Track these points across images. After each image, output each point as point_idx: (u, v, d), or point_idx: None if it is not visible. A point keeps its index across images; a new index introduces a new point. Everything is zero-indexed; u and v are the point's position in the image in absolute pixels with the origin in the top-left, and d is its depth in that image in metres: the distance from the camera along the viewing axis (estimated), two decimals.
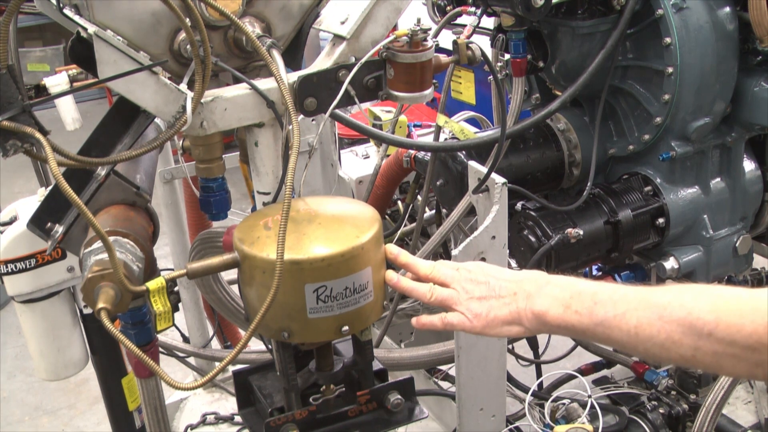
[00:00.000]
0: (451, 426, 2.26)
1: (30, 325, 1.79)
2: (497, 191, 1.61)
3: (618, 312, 1.06)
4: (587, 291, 1.12)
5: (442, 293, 1.22)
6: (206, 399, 2.77)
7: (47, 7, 1.56)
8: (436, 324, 1.24)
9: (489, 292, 1.19)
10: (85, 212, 1.08)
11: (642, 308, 1.04)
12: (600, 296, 1.10)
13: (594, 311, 1.08)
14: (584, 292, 1.11)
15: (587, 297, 1.10)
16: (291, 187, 1.16)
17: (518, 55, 1.87)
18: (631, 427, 2.03)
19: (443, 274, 1.24)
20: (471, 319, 1.19)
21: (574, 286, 1.14)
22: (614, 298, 1.08)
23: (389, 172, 2.40)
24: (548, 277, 1.19)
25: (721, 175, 2.04)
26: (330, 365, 1.35)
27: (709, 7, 1.83)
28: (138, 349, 1.11)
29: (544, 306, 1.13)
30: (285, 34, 1.41)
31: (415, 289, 1.26)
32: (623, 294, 1.08)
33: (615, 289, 1.10)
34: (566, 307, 1.11)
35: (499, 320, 1.18)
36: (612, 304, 1.07)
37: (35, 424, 3.69)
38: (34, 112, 1.14)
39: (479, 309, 1.19)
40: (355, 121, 1.64)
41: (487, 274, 1.22)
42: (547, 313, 1.13)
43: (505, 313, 1.17)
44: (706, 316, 0.98)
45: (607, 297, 1.09)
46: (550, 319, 1.13)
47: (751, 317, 0.94)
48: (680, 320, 1.00)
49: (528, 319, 1.16)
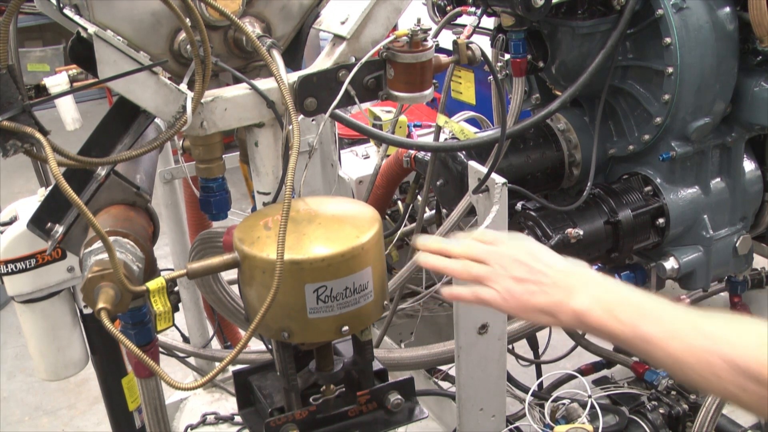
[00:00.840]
0: (451, 426, 2.26)
1: (30, 325, 1.79)
2: (497, 191, 1.61)
3: (663, 331, 1.01)
4: (633, 300, 1.07)
5: (479, 270, 1.17)
6: (206, 399, 2.77)
7: (47, 7, 1.56)
8: (467, 296, 1.20)
9: (529, 274, 1.14)
10: (85, 212, 1.08)
11: (688, 334, 0.99)
12: (646, 309, 1.05)
13: (638, 324, 1.04)
14: (630, 301, 1.07)
15: (633, 307, 1.06)
16: (291, 187, 1.16)
17: (518, 55, 1.87)
18: (631, 427, 2.03)
19: (478, 251, 1.19)
20: (505, 298, 1.14)
21: (620, 292, 1.09)
22: (661, 316, 1.03)
23: (389, 172, 2.40)
24: (594, 274, 1.14)
25: (721, 175, 2.04)
26: (330, 365, 1.35)
27: (709, 7, 1.83)
28: (138, 349, 1.11)
29: (586, 305, 1.08)
30: (285, 34, 1.41)
31: (447, 267, 1.21)
32: (670, 313, 1.04)
33: (662, 305, 1.05)
34: (609, 312, 1.06)
35: (534, 306, 1.13)
36: (658, 322, 1.03)
37: (35, 424, 3.68)
38: (34, 112, 1.14)
39: (516, 289, 1.14)
40: (355, 121, 1.64)
41: (530, 253, 1.17)
42: (587, 313, 1.08)
43: (542, 301, 1.12)
44: (754, 360, 0.93)
45: (654, 312, 1.04)
46: (589, 320, 1.08)
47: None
48: (726, 357, 0.95)
49: (565, 313, 1.10)
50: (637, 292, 1.09)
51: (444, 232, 1.94)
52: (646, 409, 2.08)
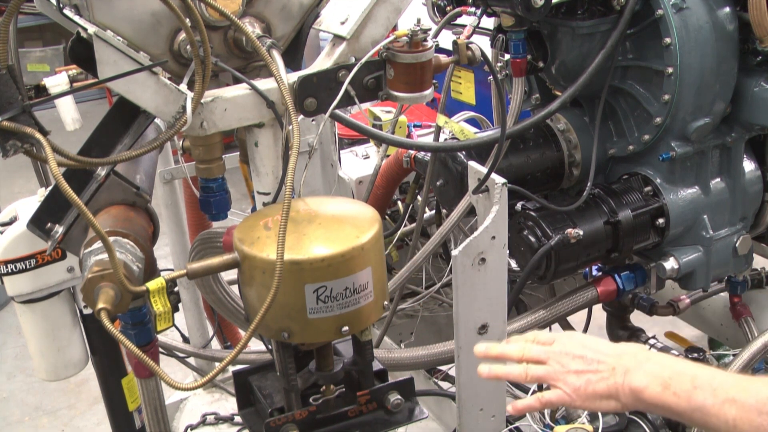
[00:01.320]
0: (451, 426, 2.26)
1: (30, 325, 1.79)
2: (497, 191, 1.61)
3: (717, 401, 1.06)
4: (687, 372, 1.11)
5: (538, 371, 1.24)
6: (206, 399, 2.77)
7: (47, 8, 1.56)
8: (534, 405, 1.25)
9: (586, 365, 1.20)
10: (85, 212, 1.08)
11: (741, 401, 1.04)
12: (699, 380, 1.09)
13: (693, 396, 1.08)
14: (684, 374, 1.11)
15: (686, 379, 1.10)
16: (291, 187, 1.16)
17: (518, 55, 1.87)
18: (631, 428, 2.03)
19: (536, 353, 1.25)
20: (570, 394, 1.20)
21: (673, 366, 1.14)
22: (713, 385, 1.08)
23: (389, 172, 2.40)
24: (647, 353, 1.19)
25: (721, 175, 2.04)
26: (330, 365, 1.35)
27: (709, 8, 1.83)
28: (138, 350, 1.11)
29: (643, 383, 1.13)
30: (285, 35, 1.41)
31: (509, 373, 1.27)
32: (722, 381, 1.08)
33: (714, 375, 1.10)
34: (665, 387, 1.11)
35: (596, 394, 1.18)
36: (711, 392, 1.07)
37: (35, 424, 3.68)
38: (34, 112, 1.14)
39: (577, 383, 1.19)
40: (355, 122, 1.64)
41: (584, 346, 1.23)
42: (644, 390, 1.13)
43: (602, 388, 1.17)
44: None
45: (707, 383, 1.09)
46: (647, 397, 1.13)
47: None
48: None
49: (625, 394, 1.16)
50: (690, 365, 1.14)
51: (444, 233, 1.94)
52: None
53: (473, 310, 1.67)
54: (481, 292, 1.65)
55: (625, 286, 2.07)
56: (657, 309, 2.32)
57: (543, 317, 2.02)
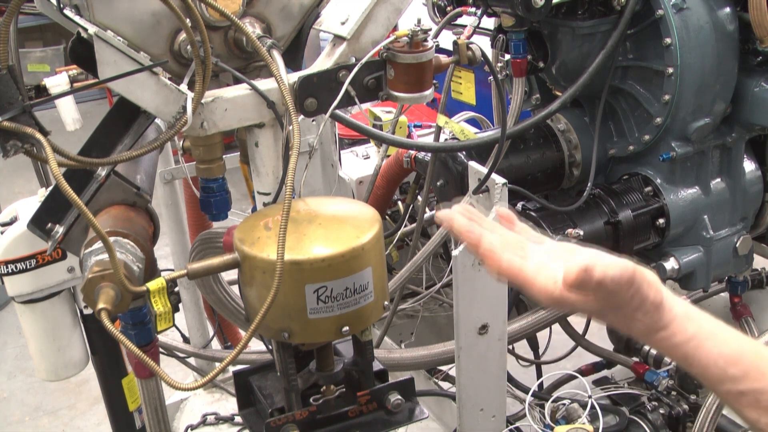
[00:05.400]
0: (452, 426, 2.26)
1: (30, 325, 1.79)
2: (497, 191, 1.61)
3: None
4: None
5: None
6: (206, 399, 2.77)
7: (47, 8, 1.56)
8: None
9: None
10: (85, 213, 1.08)
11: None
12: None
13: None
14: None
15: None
16: (291, 187, 1.16)
17: (518, 55, 1.87)
18: (632, 428, 2.03)
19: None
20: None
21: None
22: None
23: (389, 172, 2.40)
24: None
25: (721, 175, 2.04)
26: (330, 365, 1.35)
27: (710, 8, 1.83)
28: (138, 350, 1.11)
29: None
30: (285, 35, 1.41)
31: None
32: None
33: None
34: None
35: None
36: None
37: (35, 424, 3.68)
38: (35, 112, 1.14)
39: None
40: (355, 122, 1.64)
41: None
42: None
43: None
44: None
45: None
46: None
47: None
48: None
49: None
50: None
51: (444, 233, 1.94)
52: (646, 409, 2.08)
53: (473, 310, 1.67)
54: (482, 293, 1.65)
55: None
56: None
57: (543, 317, 2.02)
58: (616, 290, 1.01)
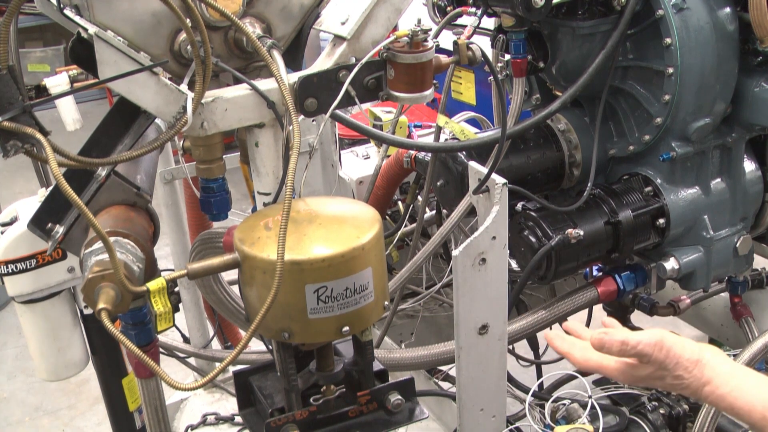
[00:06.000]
0: (452, 426, 2.26)
1: (30, 325, 1.79)
2: (498, 192, 1.61)
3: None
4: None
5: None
6: (207, 399, 2.77)
7: (48, 8, 1.56)
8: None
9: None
10: (85, 213, 1.08)
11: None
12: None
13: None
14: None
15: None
16: (291, 187, 1.16)
17: (518, 55, 1.87)
18: (632, 428, 2.03)
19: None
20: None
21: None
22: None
23: (389, 172, 2.40)
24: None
25: (721, 175, 2.04)
26: (330, 366, 1.35)
27: (710, 8, 1.83)
28: (138, 350, 1.11)
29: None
30: (285, 35, 1.41)
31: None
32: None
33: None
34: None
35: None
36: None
37: (36, 424, 3.69)
38: (35, 112, 1.14)
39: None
40: (355, 122, 1.64)
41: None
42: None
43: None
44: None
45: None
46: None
47: None
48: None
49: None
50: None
51: (444, 233, 1.94)
52: (646, 409, 2.08)
53: (474, 310, 1.67)
54: (482, 293, 1.65)
55: (625, 286, 2.07)
56: (657, 309, 2.32)
57: (543, 317, 2.02)
58: (649, 351, 1.20)
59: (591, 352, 1.30)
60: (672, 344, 1.20)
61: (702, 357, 1.19)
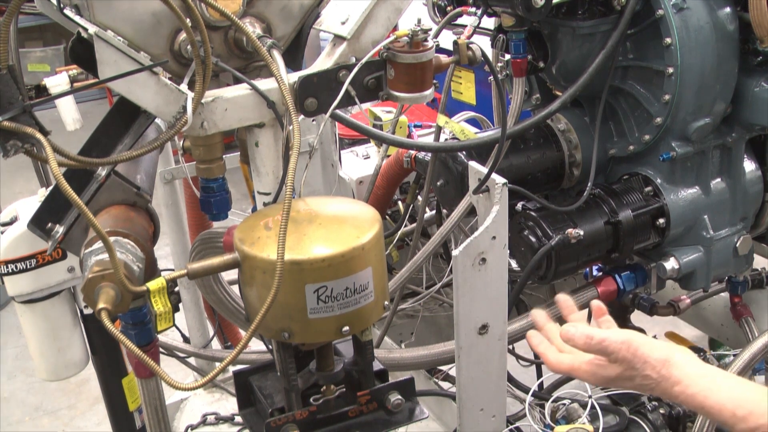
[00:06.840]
0: (452, 426, 2.26)
1: (30, 325, 1.79)
2: (498, 191, 1.61)
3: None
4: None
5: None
6: (207, 399, 2.77)
7: (48, 8, 1.56)
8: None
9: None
10: (85, 212, 1.08)
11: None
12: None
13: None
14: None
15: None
16: (291, 187, 1.16)
17: (518, 55, 1.87)
18: (632, 428, 2.03)
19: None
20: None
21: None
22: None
23: (389, 172, 2.40)
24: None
25: (721, 175, 2.04)
26: (330, 365, 1.35)
27: (710, 8, 1.83)
28: (138, 350, 1.11)
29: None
30: (285, 35, 1.41)
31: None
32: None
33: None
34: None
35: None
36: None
37: (36, 424, 3.69)
38: (35, 112, 1.14)
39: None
40: (355, 122, 1.64)
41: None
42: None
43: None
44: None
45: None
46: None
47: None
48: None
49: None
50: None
51: (444, 233, 1.94)
52: (646, 409, 2.08)
53: (473, 310, 1.67)
54: (482, 293, 1.65)
55: (625, 286, 2.07)
56: (657, 309, 2.32)
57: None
58: (615, 348, 1.21)
59: (564, 355, 1.32)
60: (640, 344, 1.21)
61: (670, 357, 1.20)
